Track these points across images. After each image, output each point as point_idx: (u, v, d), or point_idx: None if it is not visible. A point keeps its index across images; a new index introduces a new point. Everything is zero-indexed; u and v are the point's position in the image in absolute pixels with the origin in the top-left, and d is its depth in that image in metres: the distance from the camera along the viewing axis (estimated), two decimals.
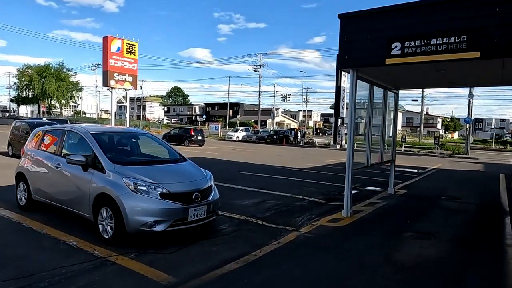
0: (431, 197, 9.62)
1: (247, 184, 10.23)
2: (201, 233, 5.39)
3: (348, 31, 6.61)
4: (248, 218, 6.50)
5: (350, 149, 6.85)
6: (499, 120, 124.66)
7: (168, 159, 6.04)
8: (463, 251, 5.22)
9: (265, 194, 8.87)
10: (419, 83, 9.22)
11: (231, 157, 19.20)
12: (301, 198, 8.62)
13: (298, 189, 9.86)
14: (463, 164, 20.97)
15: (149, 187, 4.82)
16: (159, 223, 4.71)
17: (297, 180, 11.70)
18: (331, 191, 9.79)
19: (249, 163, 16.83)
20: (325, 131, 75.38)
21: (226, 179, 10.92)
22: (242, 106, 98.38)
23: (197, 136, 28.20)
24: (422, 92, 49.44)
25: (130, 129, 7.15)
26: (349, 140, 6.84)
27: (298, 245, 5.17)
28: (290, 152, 26.02)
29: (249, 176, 12.16)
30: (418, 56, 5.89)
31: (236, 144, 34.33)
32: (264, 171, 13.48)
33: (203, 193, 5.22)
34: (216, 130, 47.33)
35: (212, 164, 15.57)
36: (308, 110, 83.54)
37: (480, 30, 5.40)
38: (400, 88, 9.54)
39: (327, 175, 13.31)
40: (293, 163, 17.16)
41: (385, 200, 8.69)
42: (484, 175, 15.99)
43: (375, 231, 6.06)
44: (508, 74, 7.10)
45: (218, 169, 13.63)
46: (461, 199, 9.26)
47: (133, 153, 6.34)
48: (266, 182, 10.81)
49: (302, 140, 38.84)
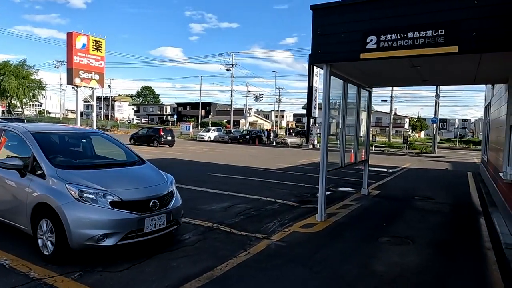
0: (405, 197, 9.44)
1: (216, 186, 9.66)
2: (160, 245, 4.79)
3: (321, 24, 6.21)
4: (215, 225, 5.95)
5: (324, 150, 6.45)
6: (462, 120, 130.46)
7: (124, 162, 5.39)
8: (444, 257, 4.92)
9: (235, 198, 8.34)
10: (393, 81, 9.02)
11: (202, 158, 18.53)
12: (273, 201, 8.16)
13: (270, 191, 9.41)
14: (431, 163, 21.35)
15: (97, 195, 4.17)
16: (109, 236, 4.07)
17: (269, 181, 11.26)
18: (304, 192, 9.40)
19: (219, 164, 16.24)
20: (298, 131, 75.90)
21: (195, 181, 10.31)
22: (214, 106, 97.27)
23: (166, 136, 27.21)
24: (391, 93, 50.60)
25: (81, 129, 6.41)
26: (323, 140, 6.45)
27: (269, 256, 4.69)
28: (263, 152, 25.62)
29: (219, 178, 11.59)
30: (395, 51, 5.57)
31: (208, 144, 33.57)
32: (235, 173, 12.95)
33: (162, 200, 4.63)
34: (187, 130, 46.26)
35: (180, 166, 14.88)
36: (281, 110, 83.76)
37: (458, 24, 5.14)
38: (374, 86, 9.30)
39: (300, 175, 12.96)
40: (265, 164, 16.74)
41: (359, 202, 8.39)
42: (452, 174, 16.22)
43: (351, 237, 5.68)
44: (482, 72, 6.96)
45: (187, 171, 12.99)
46: (434, 199, 9.13)
47: (84, 156, 5.63)
48: (236, 184, 10.28)
49: (274, 140, 38.60)
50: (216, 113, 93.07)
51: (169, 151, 22.86)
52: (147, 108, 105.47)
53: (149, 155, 18.64)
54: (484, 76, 7.63)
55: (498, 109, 9.69)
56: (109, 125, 57.96)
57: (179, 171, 12.84)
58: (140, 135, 28.49)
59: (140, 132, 29.52)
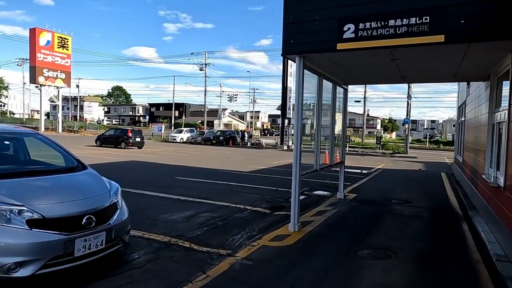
0: (382, 201, 8.94)
1: (181, 192, 8.81)
2: (98, 269, 3.93)
3: (294, 10, 5.53)
4: (173, 240, 5.14)
5: (297, 152, 5.77)
6: (430, 121, 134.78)
7: (58, 168, 4.48)
8: (432, 274, 4.33)
9: (201, 205, 7.54)
10: (371, 77, 8.49)
11: (171, 160, 17.53)
12: (242, 208, 7.42)
13: (240, 196, 8.66)
14: (405, 163, 21.29)
15: (10, 212, 3.28)
16: (25, 264, 3.20)
17: (240, 185, 10.51)
18: (276, 197, 8.72)
19: (189, 167, 15.34)
20: (273, 132, 75.50)
21: (159, 187, 9.41)
22: (188, 107, 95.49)
23: (135, 137, 25.86)
24: (364, 94, 51.13)
25: (10, 128, 5.41)
26: (296, 141, 5.76)
27: (232, 279, 3.93)
28: (236, 153, 24.84)
29: (186, 182, 10.73)
30: (375, 40, 4.97)
31: (180, 146, 32.40)
32: (205, 176, 12.11)
33: (101, 215, 3.79)
34: (159, 131, 44.75)
35: (145, 169, 13.87)
36: (256, 111, 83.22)
37: (444, 10, 4.59)
38: (350, 83, 8.74)
39: (273, 178, 12.29)
40: (238, 166, 15.97)
41: (335, 207, 7.79)
42: (426, 174, 16.06)
43: (327, 250, 5.02)
44: (464, 68, 6.51)
45: (151, 175, 12.03)
46: (412, 203, 8.68)
47: (13, 160, 4.68)
48: (204, 189, 9.47)
49: (249, 141, 37.90)
50: (190, 114, 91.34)
51: (137, 153, 21.65)
52: (118, 108, 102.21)
53: (114, 158, 17.46)
54: (465, 73, 7.22)
55: (475, 108, 9.38)
56: (76, 126, 55.36)
57: (143, 175, 11.88)
58: (106, 136, 26.93)
59: (107, 133, 27.91)
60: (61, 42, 50.96)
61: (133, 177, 11.15)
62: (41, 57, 48.47)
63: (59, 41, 50.67)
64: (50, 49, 49.45)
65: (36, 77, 48.30)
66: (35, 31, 48.39)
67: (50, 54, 49.54)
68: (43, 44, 48.63)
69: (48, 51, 49.27)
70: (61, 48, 51.13)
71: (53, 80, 50.04)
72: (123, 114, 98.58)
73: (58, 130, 50.56)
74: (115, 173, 11.49)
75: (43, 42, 48.74)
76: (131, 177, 11.09)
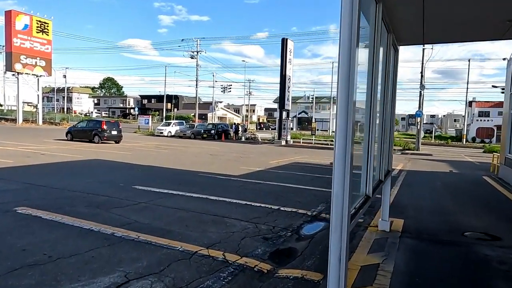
0: (451, 235, 5.57)
1: (126, 217, 5.39)
2: None
3: None
4: None
5: (345, 169, 2.34)
6: (430, 116, 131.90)
7: None
8: None
9: (143, 252, 4.12)
10: (456, 26, 4.85)
11: (144, 160, 14.02)
12: (220, 258, 4.01)
13: (219, 227, 5.26)
14: (425, 163, 18.00)
15: None
16: None
17: (223, 201, 7.08)
18: (279, 227, 5.33)
19: (163, 168, 11.87)
20: (269, 125, 71.91)
21: (97, 205, 5.90)
22: (181, 99, 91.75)
23: (111, 130, 22.22)
24: None
25: None
26: (341, 145, 2.32)
27: None
28: (228, 149, 21.36)
29: (146, 196, 7.27)
30: None
31: (166, 140, 28.84)
32: (177, 184, 8.66)
33: None
34: (146, 124, 41.12)
35: (99, 173, 10.08)
36: (251, 104, 79.57)
37: None
38: (410, 42, 5.15)
39: (271, 187, 8.87)
40: (226, 167, 12.52)
41: (386, 255, 4.40)
42: (466, 179, 12.71)
43: None
44: None
45: (102, 182, 8.37)
46: (501, 239, 5.32)
47: None
48: (164, 211, 6.05)
49: (243, 136, 34.42)
50: (183, 106, 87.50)
51: (109, 149, 18.08)
52: (108, 100, 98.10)
53: (74, 156, 13.90)
54: None
55: None
56: (58, 118, 51.57)
57: (90, 183, 8.26)
58: (78, 129, 23.23)
59: (79, 125, 24.16)
60: (40, 27, 46.89)
61: (73, 184, 7.68)
62: (18, 43, 44.46)
63: (38, 25, 46.59)
64: (28, 33, 45.39)
65: (13, 64, 44.36)
66: (10, 14, 44.27)
67: (28, 39, 45.52)
68: (20, 28, 44.57)
69: (26, 36, 45.24)
70: (41, 33, 47.08)
71: (32, 68, 46.04)
72: (113, 106, 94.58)
73: (38, 122, 46.82)
74: (46, 179, 8.02)
75: (20, 26, 44.66)
76: (72, 184, 7.63)
